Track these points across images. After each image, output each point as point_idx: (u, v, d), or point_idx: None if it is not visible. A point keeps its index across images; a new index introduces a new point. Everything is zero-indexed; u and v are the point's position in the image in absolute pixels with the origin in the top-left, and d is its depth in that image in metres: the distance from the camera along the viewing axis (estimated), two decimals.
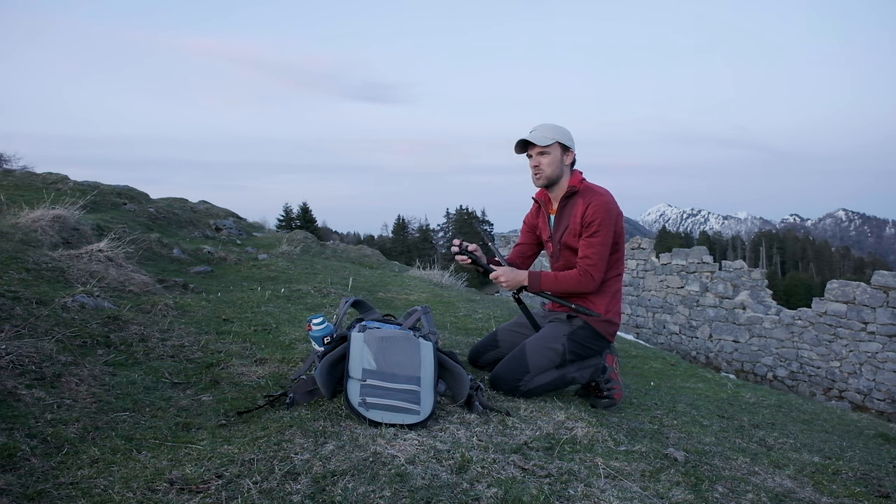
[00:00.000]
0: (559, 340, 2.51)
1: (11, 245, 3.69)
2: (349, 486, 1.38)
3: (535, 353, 2.46)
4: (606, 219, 2.46)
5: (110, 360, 2.27)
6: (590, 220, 2.48)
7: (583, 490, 1.49)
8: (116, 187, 9.38)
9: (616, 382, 2.64)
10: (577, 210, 2.52)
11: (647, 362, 4.83)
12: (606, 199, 2.51)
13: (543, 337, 2.55)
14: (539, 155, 2.56)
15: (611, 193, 2.57)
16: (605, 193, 2.54)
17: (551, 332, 2.56)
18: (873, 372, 9.18)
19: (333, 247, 10.15)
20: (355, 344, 2.00)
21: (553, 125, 2.60)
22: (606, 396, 2.60)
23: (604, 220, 2.46)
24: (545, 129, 2.58)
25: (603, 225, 2.46)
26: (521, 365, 2.43)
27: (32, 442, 1.54)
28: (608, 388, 2.61)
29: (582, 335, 2.54)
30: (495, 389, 2.43)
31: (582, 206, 2.51)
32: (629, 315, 14.56)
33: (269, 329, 3.15)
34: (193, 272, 5.37)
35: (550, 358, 2.48)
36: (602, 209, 2.47)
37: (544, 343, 2.51)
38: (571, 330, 2.54)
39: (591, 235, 2.47)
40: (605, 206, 2.48)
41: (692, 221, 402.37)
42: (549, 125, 2.60)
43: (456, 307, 5.04)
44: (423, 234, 62.73)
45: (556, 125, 2.60)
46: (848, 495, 1.81)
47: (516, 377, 2.41)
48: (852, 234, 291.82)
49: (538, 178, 2.60)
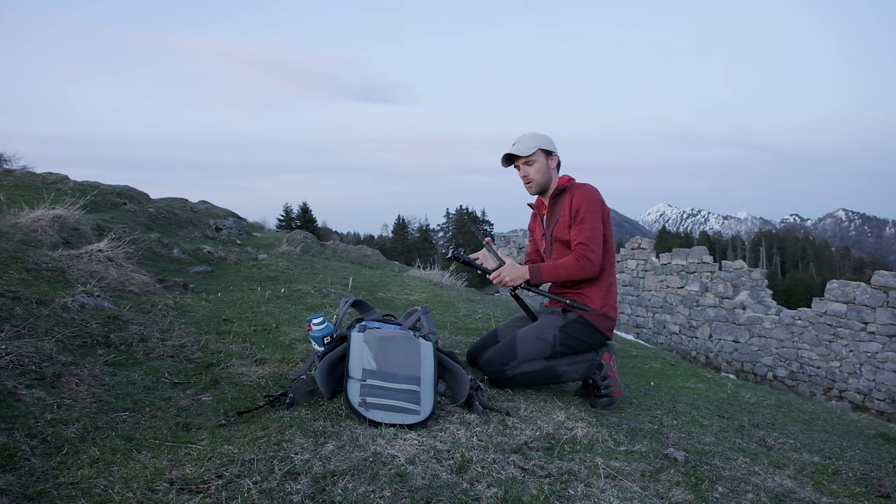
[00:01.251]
0: (550, 332, 2.57)
1: (11, 245, 3.69)
2: (349, 486, 1.38)
3: (524, 341, 2.53)
4: (592, 205, 2.57)
5: (110, 360, 2.27)
6: (576, 209, 2.58)
7: (583, 490, 1.49)
8: (116, 187, 9.38)
9: (614, 380, 2.64)
10: (566, 204, 2.63)
11: (647, 362, 4.83)
12: (590, 188, 2.63)
13: (535, 327, 2.61)
14: (525, 165, 2.67)
15: (597, 189, 2.66)
16: (590, 188, 2.64)
17: (544, 323, 2.63)
18: (873, 372, 9.18)
19: (333, 247, 10.15)
20: (355, 344, 2.00)
21: (533, 133, 2.70)
22: (605, 395, 2.61)
23: (590, 207, 2.56)
24: (526, 139, 2.68)
25: (590, 211, 2.56)
26: (509, 351, 2.50)
27: (32, 442, 1.54)
28: (606, 386, 2.61)
29: (575, 328, 2.58)
30: (484, 373, 2.52)
31: (569, 200, 2.62)
32: (629, 315, 14.56)
33: (269, 329, 3.15)
34: (193, 272, 5.37)
35: (539, 347, 2.53)
36: (587, 197, 2.58)
37: (535, 333, 2.57)
38: (565, 323, 2.59)
39: (580, 223, 2.56)
40: (589, 193, 2.59)
41: (692, 221, 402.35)
42: (529, 134, 2.69)
43: (456, 307, 5.04)
44: (423, 234, 62.71)
45: (536, 133, 2.70)
46: (848, 495, 1.81)
47: (503, 362, 2.47)
48: (852, 234, 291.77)
49: (530, 186, 2.71)
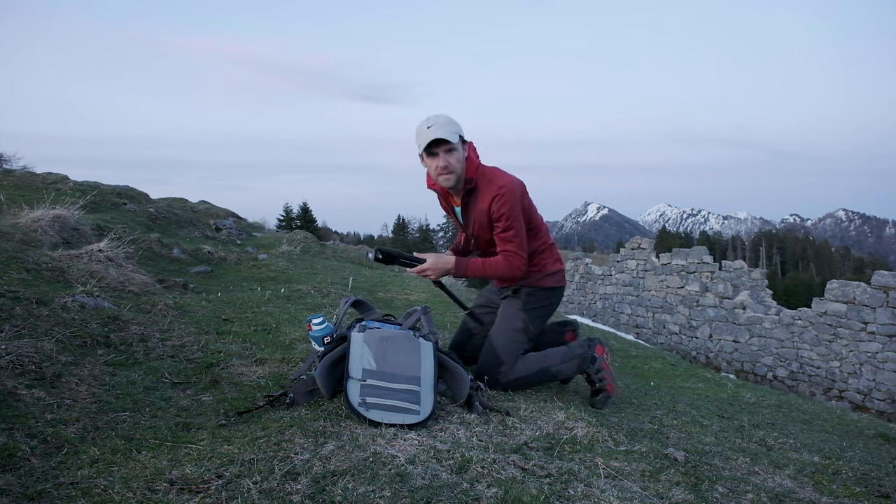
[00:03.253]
0: (518, 317, 2.53)
1: (11, 245, 3.69)
2: (349, 486, 1.38)
3: (501, 341, 2.48)
4: (512, 209, 2.34)
5: (110, 360, 2.27)
6: (497, 216, 2.35)
7: (583, 490, 1.49)
8: (116, 187, 9.37)
9: (607, 372, 2.56)
10: (482, 204, 2.38)
11: (647, 362, 4.83)
12: (506, 187, 2.34)
13: (502, 321, 2.55)
14: (447, 153, 2.31)
15: (507, 174, 2.41)
16: (502, 179, 2.37)
17: (507, 312, 2.57)
18: (873, 372, 9.18)
19: (333, 247, 10.15)
20: (355, 344, 2.00)
21: (447, 117, 2.35)
22: (600, 389, 2.55)
23: (511, 212, 2.34)
24: (447, 124, 2.32)
25: (511, 217, 2.35)
26: (493, 356, 2.46)
27: (32, 442, 1.54)
28: (600, 379, 2.54)
29: (534, 300, 2.55)
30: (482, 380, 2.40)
31: (486, 200, 2.36)
32: (629, 315, 14.56)
33: (269, 329, 3.15)
34: (193, 272, 5.37)
35: (517, 340, 2.49)
36: (506, 203, 2.32)
37: (506, 326, 2.52)
38: (523, 301, 2.55)
39: (504, 231, 2.37)
40: (506, 197, 2.33)
41: (692, 221, 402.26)
42: (444, 117, 2.34)
43: (456, 307, 5.04)
44: (423, 234, 62.70)
45: (449, 117, 2.36)
46: (848, 495, 1.81)
47: (494, 369, 2.44)
48: (852, 234, 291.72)
49: (448, 177, 2.36)
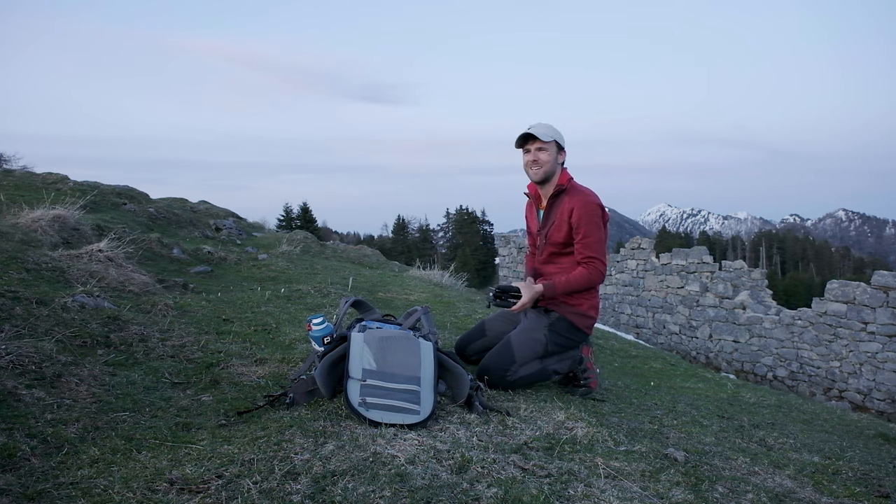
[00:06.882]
0: (541, 331, 2.67)
1: (11, 245, 3.69)
2: (349, 486, 1.38)
3: (520, 343, 2.60)
4: (592, 218, 2.66)
5: (110, 360, 2.27)
6: (577, 224, 2.65)
7: (583, 490, 1.49)
8: (116, 187, 9.37)
9: (591, 371, 2.83)
10: (564, 207, 2.69)
11: (647, 362, 4.83)
12: (588, 199, 2.68)
13: (526, 329, 2.69)
14: (538, 150, 2.71)
15: (595, 193, 2.74)
16: (589, 194, 2.71)
17: (532, 323, 2.71)
18: (873, 372, 9.18)
19: (333, 247, 10.15)
20: (355, 344, 2.00)
21: (551, 125, 2.76)
22: (583, 385, 2.79)
23: (590, 220, 2.65)
24: (546, 127, 2.73)
25: (591, 224, 2.65)
26: (508, 355, 2.56)
27: (32, 442, 1.54)
28: (585, 378, 2.80)
29: (561, 327, 2.69)
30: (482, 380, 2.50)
31: (568, 205, 2.67)
32: (629, 315, 14.56)
33: (269, 329, 3.15)
34: (193, 272, 5.37)
35: (534, 348, 2.62)
36: (587, 210, 2.65)
37: (528, 334, 2.66)
38: (550, 322, 2.69)
39: (584, 237, 2.66)
40: (589, 206, 2.66)
41: (692, 221, 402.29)
42: (546, 124, 2.76)
43: (456, 307, 5.04)
44: (423, 234, 62.67)
45: (553, 126, 2.76)
46: (848, 495, 1.81)
47: (503, 367, 2.53)
48: (852, 234, 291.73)
49: (536, 171, 2.73)
